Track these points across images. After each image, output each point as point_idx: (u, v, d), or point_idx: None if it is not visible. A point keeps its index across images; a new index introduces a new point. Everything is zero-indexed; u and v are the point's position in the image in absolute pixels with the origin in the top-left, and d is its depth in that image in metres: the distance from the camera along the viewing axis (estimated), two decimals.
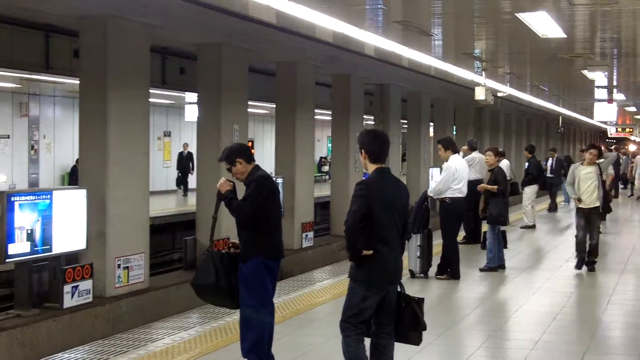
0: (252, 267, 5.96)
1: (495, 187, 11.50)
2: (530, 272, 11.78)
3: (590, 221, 11.52)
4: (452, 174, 10.80)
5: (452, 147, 11.06)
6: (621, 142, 54.48)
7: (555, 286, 10.70)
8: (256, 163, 6.24)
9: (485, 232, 12.10)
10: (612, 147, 34.78)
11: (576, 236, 11.63)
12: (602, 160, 12.97)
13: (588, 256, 11.65)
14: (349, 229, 5.38)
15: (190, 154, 24.98)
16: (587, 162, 11.57)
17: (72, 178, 20.96)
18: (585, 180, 11.35)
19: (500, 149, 15.80)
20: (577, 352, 7.24)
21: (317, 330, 8.09)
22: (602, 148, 16.64)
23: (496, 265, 11.60)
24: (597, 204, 11.37)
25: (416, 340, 5.71)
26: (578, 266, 11.61)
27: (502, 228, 11.83)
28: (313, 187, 16.47)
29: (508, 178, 12.66)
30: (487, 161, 12.18)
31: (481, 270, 11.53)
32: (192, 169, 24.58)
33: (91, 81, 10.29)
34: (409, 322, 5.59)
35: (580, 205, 11.46)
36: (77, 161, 17.96)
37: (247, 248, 6.01)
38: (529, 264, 12.61)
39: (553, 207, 22.02)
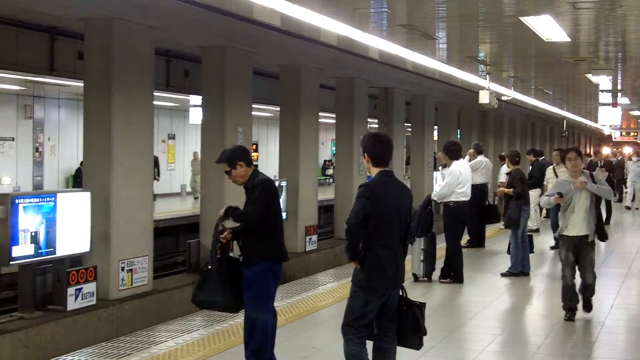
0: (258, 271, 5.96)
1: (511, 190, 11.40)
2: (533, 276, 11.74)
3: (582, 254, 8.46)
4: (457, 178, 10.80)
5: (450, 153, 11.03)
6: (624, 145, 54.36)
7: (559, 290, 10.65)
8: (255, 166, 6.24)
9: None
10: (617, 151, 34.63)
11: (563, 277, 8.59)
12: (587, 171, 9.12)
13: (582, 295, 8.73)
14: (351, 227, 5.36)
15: (155, 159, 22.71)
16: (571, 172, 8.50)
17: (77, 180, 20.96)
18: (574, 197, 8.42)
19: (502, 153, 15.70)
20: (580, 356, 7.23)
21: (321, 333, 8.09)
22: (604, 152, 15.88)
23: (518, 271, 11.43)
24: (588, 231, 8.38)
25: (416, 344, 5.69)
26: (569, 317, 8.59)
27: (528, 232, 11.69)
28: (317, 190, 16.48)
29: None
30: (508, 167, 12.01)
31: (502, 275, 11.44)
32: (158, 174, 22.61)
33: (96, 83, 10.31)
34: (409, 327, 5.57)
35: (565, 233, 8.45)
36: (81, 163, 17.98)
37: (252, 253, 6.00)
38: (533, 267, 12.53)
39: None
